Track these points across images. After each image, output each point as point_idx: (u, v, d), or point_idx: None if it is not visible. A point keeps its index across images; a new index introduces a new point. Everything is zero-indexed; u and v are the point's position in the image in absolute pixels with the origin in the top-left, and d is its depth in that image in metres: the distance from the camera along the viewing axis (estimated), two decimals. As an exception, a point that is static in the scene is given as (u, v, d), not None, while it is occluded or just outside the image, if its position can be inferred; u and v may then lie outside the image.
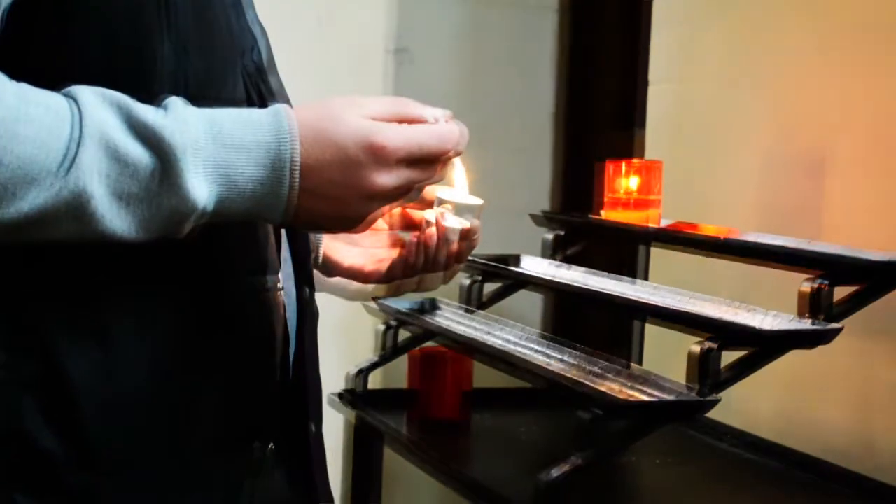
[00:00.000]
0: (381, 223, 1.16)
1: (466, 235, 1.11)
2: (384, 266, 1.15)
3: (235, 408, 0.96)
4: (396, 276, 1.15)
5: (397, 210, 1.15)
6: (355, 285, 1.19)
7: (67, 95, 0.81)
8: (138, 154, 0.81)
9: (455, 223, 1.10)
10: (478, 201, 1.10)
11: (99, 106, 0.81)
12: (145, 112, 0.83)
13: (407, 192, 0.92)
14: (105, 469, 0.89)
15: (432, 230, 1.10)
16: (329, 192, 0.87)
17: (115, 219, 0.81)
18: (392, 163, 0.88)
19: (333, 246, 1.18)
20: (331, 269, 1.18)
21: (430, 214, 1.11)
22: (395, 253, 1.15)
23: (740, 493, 1.57)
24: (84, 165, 0.79)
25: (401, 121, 0.90)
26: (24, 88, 0.80)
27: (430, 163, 0.91)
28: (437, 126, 0.91)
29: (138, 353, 0.90)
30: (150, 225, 0.83)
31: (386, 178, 0.88)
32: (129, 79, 0.87)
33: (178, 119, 0.83)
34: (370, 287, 1.19)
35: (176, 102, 0.85)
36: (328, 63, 2.38)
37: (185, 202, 0.83)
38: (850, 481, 1.54)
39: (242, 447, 0.97)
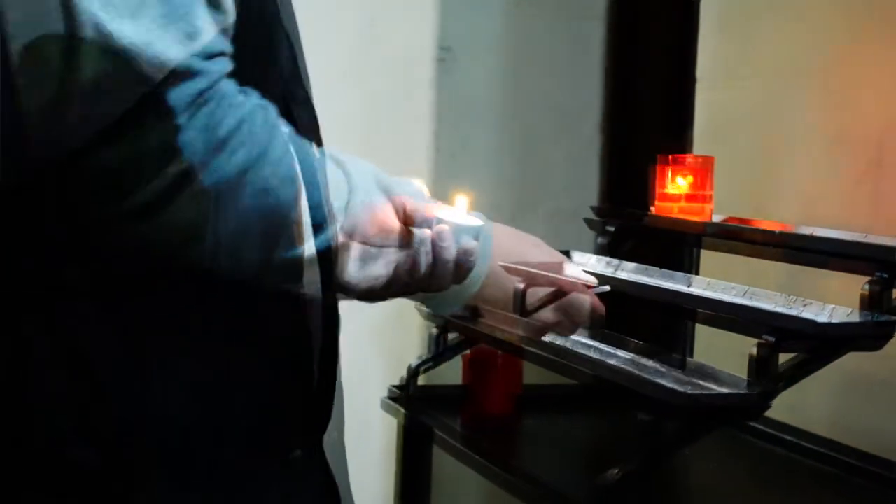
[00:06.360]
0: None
1: (463, 255, 1.03)
2: (380, 283, 1.07)
3: (270, 414, 0.95)
4: (389, 292, 1.07)
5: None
6: None
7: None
8: None
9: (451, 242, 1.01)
10: (476, 222, 1.03)
11: None
12: None
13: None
14: (140, 480, 0.89)
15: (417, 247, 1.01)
16: None
17: None
18: None
19: None
20: None
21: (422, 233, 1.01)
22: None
23: (799, 493, 1.56)
24: None
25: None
26: None
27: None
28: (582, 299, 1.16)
29: (172, 364, 0.90)
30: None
31: None
32: None
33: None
34: None
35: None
36: (372, 71, 2.37)
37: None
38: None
39: (277, 453, 0.97)
